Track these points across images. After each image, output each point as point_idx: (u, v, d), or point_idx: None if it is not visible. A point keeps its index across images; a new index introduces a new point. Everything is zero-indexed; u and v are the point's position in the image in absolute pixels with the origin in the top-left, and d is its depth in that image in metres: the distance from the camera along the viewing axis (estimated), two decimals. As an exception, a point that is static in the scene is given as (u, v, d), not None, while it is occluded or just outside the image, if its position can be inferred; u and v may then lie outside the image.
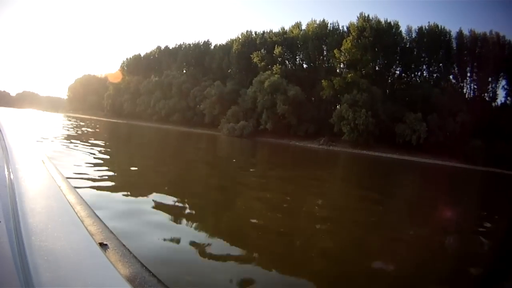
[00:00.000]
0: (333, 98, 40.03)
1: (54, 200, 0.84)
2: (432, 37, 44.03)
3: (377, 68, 42.70)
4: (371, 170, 18.39)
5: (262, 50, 44.47)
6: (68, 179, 1.09)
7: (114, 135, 21.96)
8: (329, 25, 44.81)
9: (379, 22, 42.57)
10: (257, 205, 4.95)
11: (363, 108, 36.61)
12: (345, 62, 38.88)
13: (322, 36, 43.71)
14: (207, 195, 5.53)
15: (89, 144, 10.56)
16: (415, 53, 44.77)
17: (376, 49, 40.72)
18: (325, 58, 43.63)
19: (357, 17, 42.91)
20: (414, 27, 44.29)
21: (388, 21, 42.63)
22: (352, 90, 37.94)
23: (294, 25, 47.02)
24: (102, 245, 0.65)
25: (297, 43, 44.12)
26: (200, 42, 57.57)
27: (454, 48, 44.49)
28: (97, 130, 24.49)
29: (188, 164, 9.92)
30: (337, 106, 38.78)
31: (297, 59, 45.03)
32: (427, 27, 44.94)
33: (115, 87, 61.35)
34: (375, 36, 40.76)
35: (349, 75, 38.30)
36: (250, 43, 47.56)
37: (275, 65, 42.54)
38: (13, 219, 0.67)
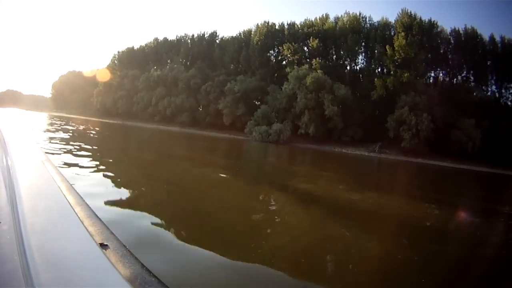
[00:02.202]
0: (380, 99, 32.89)
1: (54, 200, 0.80)
2: (468, 41, 39.15)
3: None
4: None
5: (293, 43, 36.05)
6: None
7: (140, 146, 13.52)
8: (361, 19, 37.74)
9: (421, 20, 36.52)
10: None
11: (424, 112, 30.06)
12: (399, 60, 31.87)
13: (360, 31, 36.51)
14: None
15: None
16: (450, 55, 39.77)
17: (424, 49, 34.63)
18: (365, 55, 36.44)
19: (398, 14, 36.45)
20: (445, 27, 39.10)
21: (432, 20, 36.65)
22: (407, 91, 31.23)
23: (322, 17, 39.31)
24: (102, 246, 0.61)
25: (333, 36, 36.25)
26: (205, 33, 47.83)
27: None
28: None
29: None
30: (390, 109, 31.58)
31: (333, 54, 37.14)
32: (462, 30, 40.06)
33: (106, 83, 49.64)
34: (422, 35, 34.66)
35: (405, 75, 31.42)
36: (274, 35, 39.08)
37: (314, 59, 34.34)
38: (13, 219, 0.64)
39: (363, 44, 36.15)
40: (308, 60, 35.84)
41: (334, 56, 37.23)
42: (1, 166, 1.02)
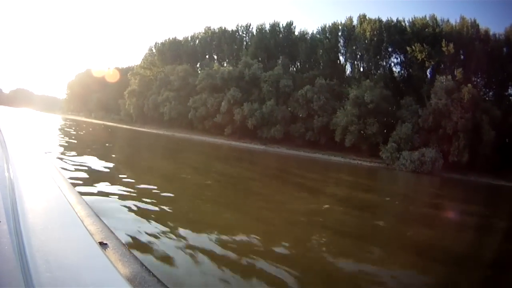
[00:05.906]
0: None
1: (54, 200, 0.79)
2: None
3: None
4: None
5: (424, 44, 28.95)
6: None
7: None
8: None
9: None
10: None
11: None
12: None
13: (475, 39, 31.35)
14: None
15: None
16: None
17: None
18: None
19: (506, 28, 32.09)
20: None
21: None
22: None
23: (431, 17, 32.48)
24: (102, 245, 0.60)
25: (459, 42, 30.20)
26: (278, 23, 36.72)
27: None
28: None
29: None
30: None
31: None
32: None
33: (142, 81, 35.08)
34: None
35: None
36: (389, 32, 31.22)
37: (457, 69, 28.26)
38: (13, 219, 0.63)
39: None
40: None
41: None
42: (1, 166, 0.97)
